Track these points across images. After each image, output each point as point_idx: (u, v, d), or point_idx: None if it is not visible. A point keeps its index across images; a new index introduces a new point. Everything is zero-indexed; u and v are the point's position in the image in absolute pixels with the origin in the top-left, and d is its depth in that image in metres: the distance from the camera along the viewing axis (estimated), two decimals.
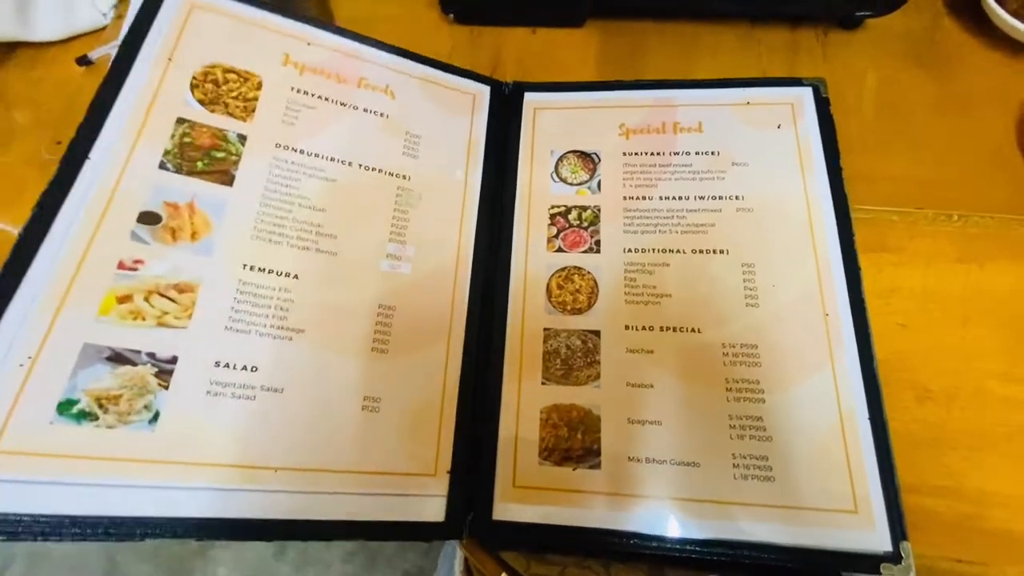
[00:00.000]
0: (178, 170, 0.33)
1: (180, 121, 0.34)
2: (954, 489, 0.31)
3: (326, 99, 0.38)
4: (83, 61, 0.52)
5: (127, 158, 0.32)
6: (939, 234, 0.37)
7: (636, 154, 0.40)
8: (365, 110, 0.39)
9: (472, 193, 0.39)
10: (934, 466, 0.32)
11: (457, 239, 0.38)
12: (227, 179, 0.34)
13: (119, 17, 0.54)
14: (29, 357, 0.27)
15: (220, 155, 0.34)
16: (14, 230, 0.46)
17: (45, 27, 0.53)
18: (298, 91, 0.37)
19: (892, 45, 0.43)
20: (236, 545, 1.01)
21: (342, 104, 0.38)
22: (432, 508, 0.31)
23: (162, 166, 0.33)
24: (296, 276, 0.33)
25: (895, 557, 0.29)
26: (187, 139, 0.34)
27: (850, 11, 0.42)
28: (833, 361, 0.32)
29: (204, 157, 0.34)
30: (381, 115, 0.39)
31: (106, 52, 0.52)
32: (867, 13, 0.42)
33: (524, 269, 0.37)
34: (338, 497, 0.29)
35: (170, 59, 0.35)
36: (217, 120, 0.35)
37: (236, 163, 0.34)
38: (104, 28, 0.54)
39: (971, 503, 0.31)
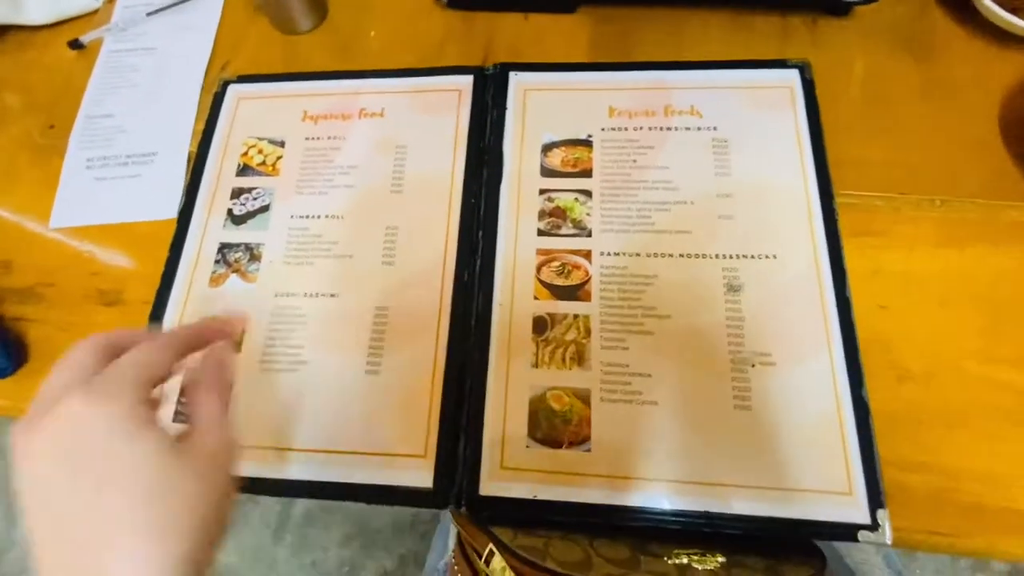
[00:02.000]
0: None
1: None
2: (930, 464, 0.32)
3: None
4: (75, 45, 0.52)
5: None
6: (922, 219, 0.38)
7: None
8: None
9: (458, 184, 0.40)
10: (911, 443, 0.33)
11: (444, 230, 0.39)
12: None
13: (110, 1, 0.54)
14: None
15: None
16: (8, 215, 0.46)
17: (36, 10, 0.53)
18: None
19: (880, 33, 0.43)
20: (234, 529, 1.02)
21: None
22: (422, 481, 0.33)
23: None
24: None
25: (873, 525, 0.30)
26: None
27: None
28: (830, 342, 0.33)
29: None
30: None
31: (98, 36, 0.52)
32: (856, 0, 0.42)
33: (513, 253, 0.38)
34: (345, 469, 0.34)
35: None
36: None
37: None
38: (96, 12, 0.54)
39: (946, 477, 0.32)
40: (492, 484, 0.32)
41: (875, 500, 0.30)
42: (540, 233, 0.38)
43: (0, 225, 0.45)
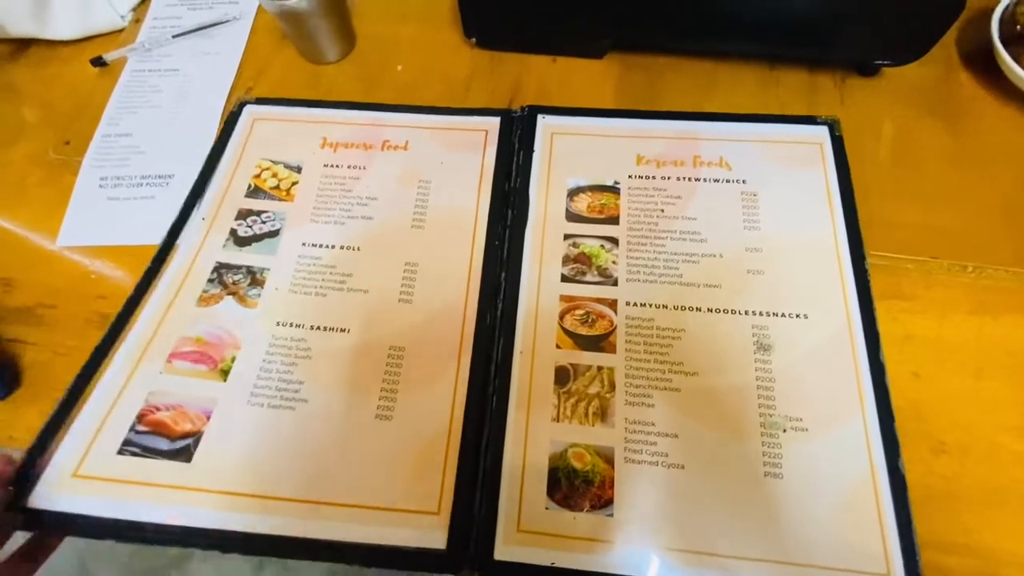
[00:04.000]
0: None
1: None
2: (968, 546, 0.31)
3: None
4: (98, 62, 0.51)
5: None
6: (953, 284, 0.37)
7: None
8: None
9: (481, 224, 0.39)
10: (948, 521, 0.31)
11: (467, 271, 0.38)
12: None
13: (136, 21, 0.54)
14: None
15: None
16: (15, 230, 0.45)
17: (61, 26, 0.53)
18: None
19: (908, 94, 0.44)
20: (215, 559, 0.97)
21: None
22: (435, 542, 0.30)
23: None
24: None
25: None
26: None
27: (869, 59, 0.42)
28: (863, 409, 0.32)
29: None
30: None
31: (122, 54, 0.52)
32: (885, 62, 0.42)
33: (536, 300, 0.36)
34: (342, 525, 0.31)
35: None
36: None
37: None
38: (122, 31, 0.54)
39: (984, 560, 0.30)
40: (507, 548, 0.30)
41: None
42: (564, 279, 0.37)
43: (5, 241, 0.44)
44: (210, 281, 0.38)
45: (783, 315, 0.35)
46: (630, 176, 0.40)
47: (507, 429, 0.33)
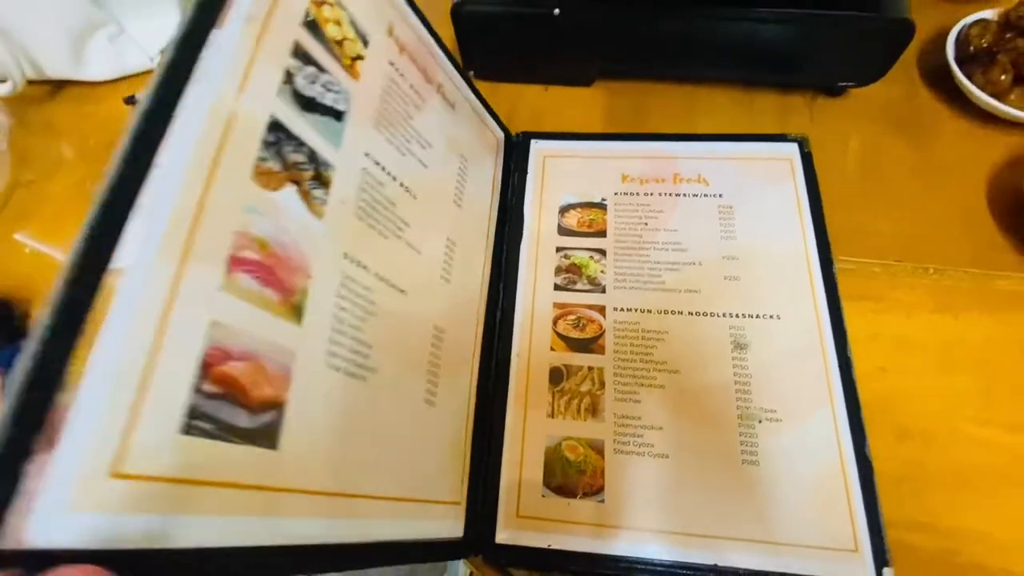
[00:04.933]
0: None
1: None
2: (932, 525, 0.33)
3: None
4: (130, 100, 0.56)
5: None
6: (917, 286, 0.40)
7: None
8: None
9: (491, 235, 0.42)
10: (914, 503, 0.34)
11: (481, 273, 0.40)
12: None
13: None
14: None
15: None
16: (57, 254, 0.49)
17: (97, 67, 0.57)
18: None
19: (874, 112, 0.47)
20: None
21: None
22: (455, 531, 0.32)
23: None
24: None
25: None
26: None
27: (833, 82, 0.46)
28: (832, 400, 0.35)
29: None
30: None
31: None
32: (850, 84, 0.46)
33: (531, 307, 0.40)
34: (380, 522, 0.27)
35: None
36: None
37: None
38: (151, 71, 0.59)
39: (947, 537, 0.33)
40: (508, 532, 0.33)
41: (880, 558, 0.31)
42: (557, 288, 0.41)
43: (49, 265, 0.48)
44: (267, 145, 0.22)
45: (758, 316, 0.38)
46: (616, 193, 0.44)
47: (507, 424, 0.36)
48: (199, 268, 0.19)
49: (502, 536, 0.33)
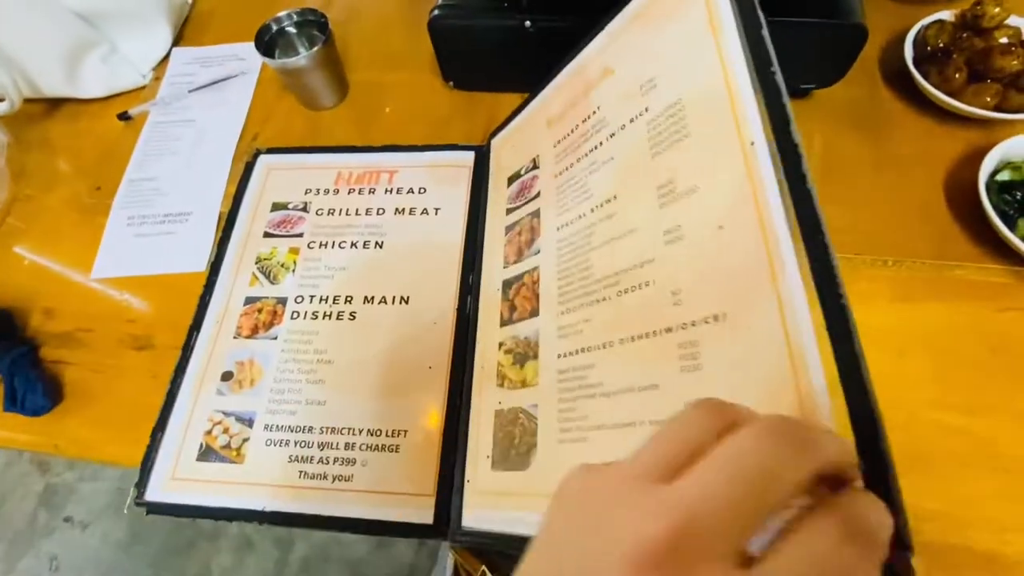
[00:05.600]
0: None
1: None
2: None
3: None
4: (123, 116, 0.58)
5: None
6: (877, 277, 0.42)
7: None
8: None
9: (462, 241, 0.45)
10: None
11: (456, 284, 0.44)
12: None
13: (156, 78, 0.61)
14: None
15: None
16: (54, 266, 0.51)
17: (91, 86, 0.60)
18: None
19: (836, 111, 0.49)
20: (239, 556, 1.01)
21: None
22: (426, 517, 0.36)
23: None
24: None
25: None
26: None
27: (796, 84, 0.48)
28: (776, 279, 0.24)
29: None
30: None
31: (145, 109, 0.59)
32: (811, 85, 0.48)
33: (489, 292, 0.40)
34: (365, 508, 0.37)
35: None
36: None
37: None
38: (143, 87, 0.61)
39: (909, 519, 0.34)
40: (471, 514, 0.34)
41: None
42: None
43: (46, 276, 0.50)
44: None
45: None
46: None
47: (471, 409, 0.37)
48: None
49: (467, 519, 0.34)
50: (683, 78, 0.31)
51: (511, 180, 0.45)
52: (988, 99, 0.44)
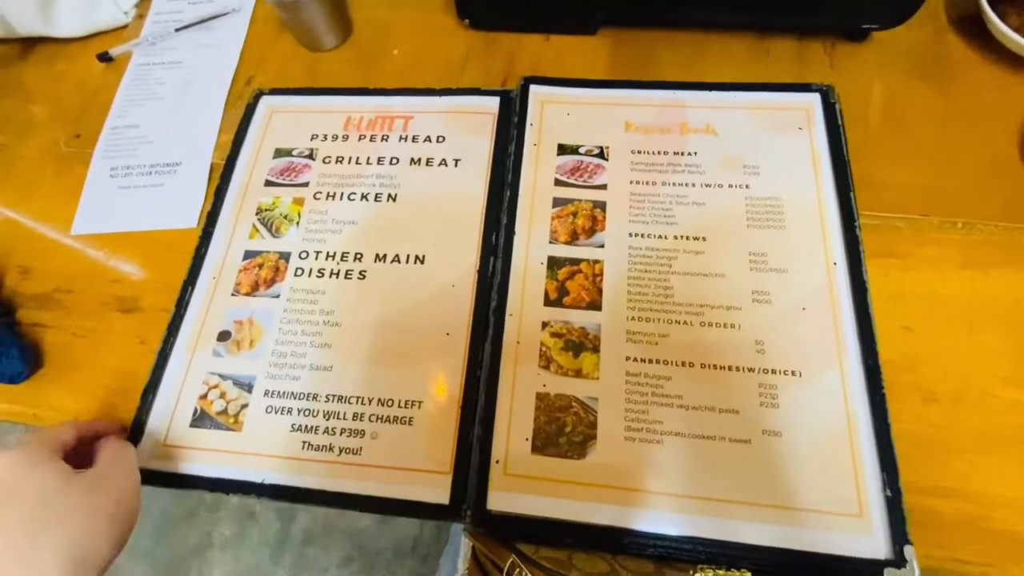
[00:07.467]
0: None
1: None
2: (959, 490, 0.32)
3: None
4: (104, 57, 0.53)
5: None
6: (944, 241, 0.37)
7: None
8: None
9: (484, 197, 0.41)
10: (939, 468, 0.32)
11: (477, 244, 0.39)
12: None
13: (139, 16, 0.56)
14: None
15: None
16: (30, 222, 0.46)
17: (67, 24, 0.54)
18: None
19: (897, 58, 0.44)
20: (233, 548, 1.00)
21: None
22: (441, 496, 0.33)
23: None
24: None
25: (898, 561, 0.29)
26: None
27: (857, 24, 0.43)
28: (841, 360, 0.33)
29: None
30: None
31: (127, 49, 0.53)
32: (874, 27, 0.43)
33: (524, 262, 0.38)
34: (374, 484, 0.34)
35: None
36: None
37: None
38: (125, 27, 0.55)
39: (976, 504, 0.31)
40: (497, 495, 0.31)
41: (899, 534, 0.29)
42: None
43: (22, 232, 0.46)
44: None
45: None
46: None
47: (499, 384, 0.34)
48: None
49: (493, 503, 0.31)
50: (783, 181, 0.39)
51: (563, 149, 0.41)
52: None
